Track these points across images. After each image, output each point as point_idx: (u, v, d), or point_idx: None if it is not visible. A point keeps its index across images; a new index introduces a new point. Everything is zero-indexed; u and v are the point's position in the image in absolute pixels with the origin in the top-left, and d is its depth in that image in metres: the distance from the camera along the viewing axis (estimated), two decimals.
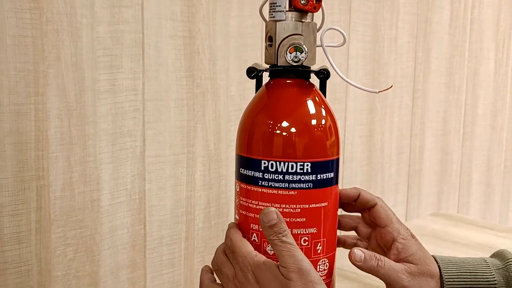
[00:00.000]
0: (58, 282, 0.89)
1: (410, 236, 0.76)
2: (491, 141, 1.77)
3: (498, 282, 0.73)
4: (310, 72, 0.71)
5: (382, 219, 0.76)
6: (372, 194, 0.78)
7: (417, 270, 0.73)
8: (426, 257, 0.75)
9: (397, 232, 0.75)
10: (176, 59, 0.99)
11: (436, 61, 1.53)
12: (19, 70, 0.82)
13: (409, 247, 0.75)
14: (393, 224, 0.76)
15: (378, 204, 0.76)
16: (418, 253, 0.74)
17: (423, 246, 0.76)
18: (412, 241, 0.75)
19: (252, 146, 0.69)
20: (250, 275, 0.65)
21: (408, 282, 0.72)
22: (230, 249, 0.69)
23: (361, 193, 0.77)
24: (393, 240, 0.75)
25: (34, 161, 0.85)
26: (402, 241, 0.75)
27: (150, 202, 0.99)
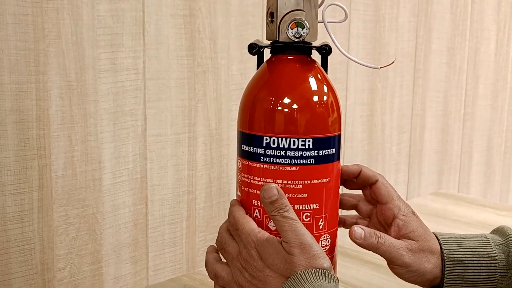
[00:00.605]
0: (60, 260, 0.89)
1: (410, 213, 0.76)
2: (492, 121, 1.77)
3: (499, 257, 0.73)
4: (312, 48, 0.71)
5: (383, 195, 0.76)
6: (373, 170, 0.78)
7: (417, 246, 0.73)
8: (426, 234, 0.75)
9: (398, 208, 0.75)
10: (177, 38, 0.98)
11: (437, 40, 1.53)
12: (19, 48, 0.81)
13: (410, 223, 0.75)
14: (394, 201, 0.76)
15: (379, 181, 0.77)
16: (418, 230, 0.75)
17: (424, 223, 0.76)
18: (412, 218, 0.76)
19: (254, 123, 0.69)
20: (254, 251, 0.66)
21: (408, 258, 0.73)
22: (234, 226, 0.69)
23: (363, 169, 0.77)
24: (393, 217, 0.75)
25: (36, 140, 0.85)
26: (403, 217, 0.75)
27: (151, 181, 0.99)
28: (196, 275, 0.89)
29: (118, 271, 0.97)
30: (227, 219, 0.72)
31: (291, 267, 0.63)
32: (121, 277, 0.98)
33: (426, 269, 0.73)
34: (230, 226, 0.70)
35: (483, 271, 0.73)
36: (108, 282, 0.96)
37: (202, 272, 0.90)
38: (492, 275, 0.73)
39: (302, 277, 0.62)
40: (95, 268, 0.94)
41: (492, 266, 0.73)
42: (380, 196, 0.76)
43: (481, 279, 0.73)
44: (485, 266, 0.73)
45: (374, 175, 0.77)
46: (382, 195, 0.76)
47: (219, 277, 0.70)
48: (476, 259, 0.74)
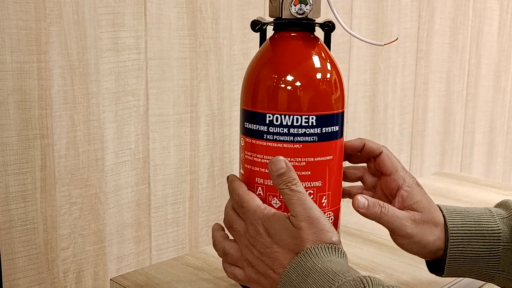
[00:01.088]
0: (64, 240, 0.90)
1: (415, 184, 0.76)
2: (494, 102, 1.77)
3: (503, 231, 0.73)
4: (315, 24, 0.70)
5: (387, 167, 0.76)
6: (377, 143, 0.77)
7: (421, 218, 0.73)
8: (430, 206, 0.75)
9: (402, 180, 0.75)
10: (179, 18, 0.98)
11: (440, 20, 1.52)
12: (21, 27, 0.81)
13: (414, 195, 0.74)
14: (398, 172, 0.76)
15: (383, 153, 0.76)
16: (423, 202, 0.74)
17: (428, 195, 0.76)
18: (417, 189, 0.75)
19: (257, 100, 0.69)
20: (261, 228, 0.65)
21: (411, 229, 0.72)
22: (239, 204, 0.69)
23: (366, 143, 0.77)
24: (398, 188, 0.75)
25: (38, 119, 0.85)
26: (407, 188, 0.75)
27: (154, 161, 0.99)
28: (199, 254, 0.89)
29: (121, 250, 0.97)
30: (231, 197, 0.72)
31: (299, 242, 0.63)
32: (124, 257, 0.98)
33: (429, 241, 0.73)
34: (235, 204, 0.70)
35: (486, 244, 0.73)
36: (111, 262, 0.96)
37: (205, 251, 0.90)
38: (495, 249, 0.73)
39: (311, 252, 0.62)
40: (98, 248, 0.94)
41: (496, 240, 0.73)
42: (385, 168, 0.76)
43: (484, 252, 0.73)
44: (488, 239, 0.73)
45: (378, 147, 0.77)
46: (386, 166, 0.76)
47: (228, 255, 0.70)
48: (479, 232, 0.73)
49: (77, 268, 0.92)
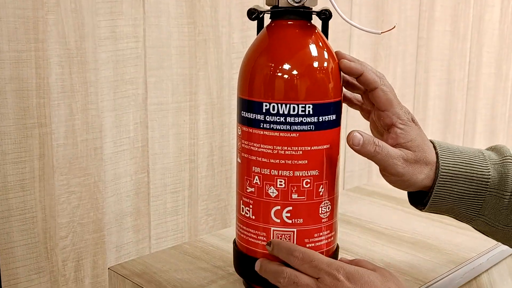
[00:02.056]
0: (62, 229, 0.90)
1: (410, 120, 0.74)
2: (496, 90, 1.76)
3: (492, 176, 0.73)
4: (312, 13, 0.70)
5: (382, 103, 0.73)
6: (375, 74, 0.73)
7: (413, 157, 0.72)
8: (424, 144, 0.73)
9: (397, 116, 0.73)
10: (177, 6, 0.97)
11: (441, 8, 1.51)
12: (18, 16, 0.81)
13: (408, 132, 0.73)
14: (393, 109, 0.73)
15: (378, 88, 0.73)
16: (417, 140, 0.73)
17: (423, 131, 0.75)
18: (411, 127, 0.73)
19: (253, 89, 0.68)
20: (341, 276, 0.66)
21: (402, 168, 0.72)
22: (307, 259, 0.68)
23: (365, 72, 0.72)
24: (392, 125, 0.73)
25: (36, 108, 0.85)
26: (401, 126, 0.73)
27: (153, 150, 0.99)
28: (197, 243, 0.89)
29: (121, 239, 0.97)
30: (285, 257, 0.69)
31: None
32: (123, 246, 0.98)
33: (418, 179, 0.72)
34: (297, 261, 0.68)
35: (473, 187, 0.73)
36: (110, 251, 0.96)
37: (203, 240, 0.90)
38: (481, 193, 0.73)
39: None
40: (97, 237, 0.94)
41: (483, 184, 0.73)
42: (379, 103, 0.73)
43: (469, 194, 0.73)
44: (476, 182, 0.73)
45: (375, 80, 0.73)
46: (381, 102, 0.73)
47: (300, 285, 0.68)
48: (469, 175, 0.73)
49: (76, 257, 0.92)
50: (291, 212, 0.69)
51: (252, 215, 0.71)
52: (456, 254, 0.87)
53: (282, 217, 0.69)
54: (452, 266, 0.83)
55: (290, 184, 0.68)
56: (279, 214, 0.69)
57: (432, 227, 0.97)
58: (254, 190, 0.70)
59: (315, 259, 0.67)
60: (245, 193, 0.71)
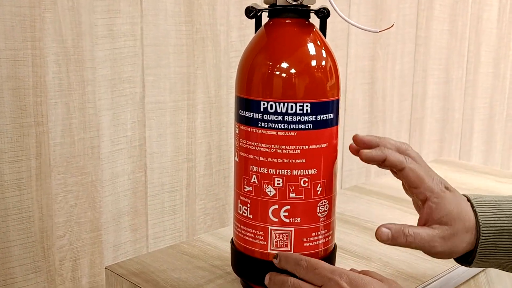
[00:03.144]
0: (59, 228, 0.89)
1: (444, 191, 0.72)
2: (494, 89, 1.76)
3: None
4: (310, 11, 0.70)
5: (412, 181, 0.72)
6: (399, 155, 0.72)
7: (451, 231, 0.71)
8: (461, 212, 0.71)
9: (430, 191, 0.71)
10: (175, 4, 0.97)
11: (439, 7, 1.51)
12: (15, 14, 0.80)
13: (443, 206, 0.71)
14: (425, 184, 0.71)
15: (406, 168, 0.72)
16: (453, 212, 0.71)
17: (458, 195, 0.73)
18: (446, 198, 0.71)
19: (251, 87, 0.68)
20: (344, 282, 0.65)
21: (441, 247, 0.70)
22: (310, 267, 0.67)
23: (387, 157, 0.71)
24: (426, 200, 0.72)
25: (33, 107, 0.84)
26: (435, 200, 0.71)
27: (150, 149, 0.99)
28: (195, 242, 0.89)
29: (118, 238, 0.97)
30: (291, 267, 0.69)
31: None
32: (120, 245, 0.98)
33: (459, 250, 0.71)
34: (301, 270, 0.68)
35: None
36: (107, 250, 0.96)
37: (200, 239, 0.90)
38: None
39: None
40: (94, 236, 0.94)
41: None
42: (410, 182, 0.72)
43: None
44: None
45: (401, 161, 0.72)
46: (411, 181, 0.72)
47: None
48: (510, 228, 0.71)
49: (73, 256, 0.92)
50: (288, 211, 0.69)
51: (249, 214, 0.71)
52: None
53: (280, 216, 0.69)
54: (450, 265, 0.83)
55: (287, 183, 0.68)
56: (277, 213, 0.69)
57: None
58: (251, 189, 0.70)
59: (319, 267, 0.67)
60: (243, 192, 0.71)
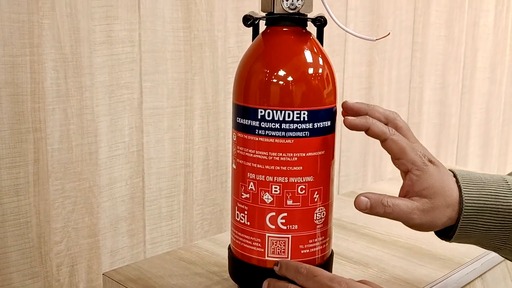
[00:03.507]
0: (57, 234, 0.90)
1: (426, 164, 0.71)
2: (490, 94, 1.77)
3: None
4: (307, 19, 0.70)
5: (394, 153, 0.72)
6: (382, 126, 0.71)
7: (430, 205, 0.70)
8: (444, 187, 0.71)
9: (412, 163, 0.71)
10: (173, 10, 0.98)
11: (436, 13, 1.52)
12: (13, 20, 0.81)
13: (424, 179, 0.71)
14: (407, 156, 0.71)
15: (388, 139, 0.71)
16: (434, 186, 0.71)
17: (443, 169, 0.72)
18: (428, 171, 0.71)
19: (249, 95, 0.69)
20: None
21: (420, 219, 0.70)
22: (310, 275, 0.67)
23: (370, 127, 0.71)
24: (407, 171, 0.72)
25: (31, 113, 0.84)
26: (417, 172, 0.71)
27: (148, 154, 0.99)
28: (192, 248, 0.89)
29: (115, 244, 0.97)
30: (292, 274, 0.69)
31: None
32: (118, 251, 0.98)
33: (439, 224, 0.71)
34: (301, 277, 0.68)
35: (499, 218, 0.71)
36: (105, 256, 0.96)
37: (198, 245, 0.90)
38: (507, 223, 0.71)
39: None
40: (92, 242, 0.94)
41: (509, 214, 0.71)
42: (392, 154, 0.72)
43: (496, 226, 0.71)
44: (502, 214, 0.71)
45: (383, 132, 0.71)
46: (393, 153, 0.72)
47: None
48: (494, 207, 0.71)
49: (71, 262, 0.92)
50: (286, 218, 0.69)
51: (247, 221, 0.71)
52: (451, 259, 0.88)
53: (277, 223, 0.69)
54: (447, 271, 0.84)
55: (285, 190, 0.68)
56: (274, 220, 0.69)
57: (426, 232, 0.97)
58: (249, 196, 0.70)
59: (318, 274, 0.67)
60: (240, 199, 0.71)
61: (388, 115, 0.74)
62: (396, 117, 0.74)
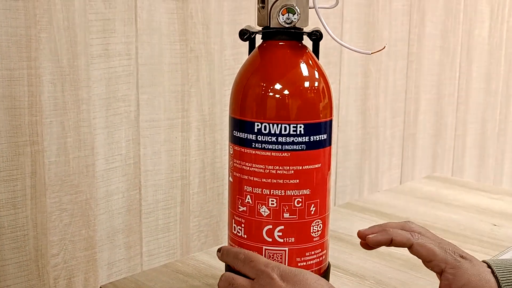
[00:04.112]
0: (54, 246, 0.90)
1: (459, 260, 0.71)
2: (486, 105, 1.77)
3: None
4: (303, 33, 0.70)
5: (424, 256, 0.72)
6: (405, 233, 0.72)
7: None
8: (481, 280, 0.70)
9: (444, 262, 0.71)
10: (170, 23, 0.98)
11: (431, 24, 1.53)
12: (10, 34, 0.81)
13: (460, 276, 0.70)
14: (437, 257, 0.71)
15: (414, 244, 0.72)
16: (471, 281, 0.70)
17: (477, 263, 0.72)
18: (462, 267, 0.70)
19: (245, 108, 0.69)
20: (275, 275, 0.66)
21: None
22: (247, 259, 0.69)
23: (393, 238, 0.72)
24: (442, 272, 0.71)
25: (28, 126, 0.85)
26: (451, 271, 0.70)
27: (145, 167, 0.99)
28: (189, 260, 0.89)
29: (112, 256, 0.97)
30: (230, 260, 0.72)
31: None
32: (115, 263, 0.98)
33: None
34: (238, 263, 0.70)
35: None
36: (102, 268, 0.96)
37: (195, 257, 0.90)
38: None
39: None
40: (89, 254, 0.94)
41: None
42: (422, 257, 0.72)
43: None
44: None
45: (408, 239, 0.72)
46: (423, 256, 0.72)
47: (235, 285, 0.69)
48: None
49: (68, 274, 0.92)
50: (282, 231, 0.70)
51: (244, 234, 0.71)
52: None
53: (274, 236, 0.70)
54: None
55: (281, 203, 0.69)
56: (271, 233, 0.70)
57: None
58: (246, 209, 0.70)
59: (254, 259, 0.68)
60: (237, 212, 0.71)
61: (403, 225, 0.74)
62: (411, 224, 0.74)
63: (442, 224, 1.08)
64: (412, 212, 1.14)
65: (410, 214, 1.13)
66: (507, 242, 1.01)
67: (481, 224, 1.09)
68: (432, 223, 1.07)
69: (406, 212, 1.14)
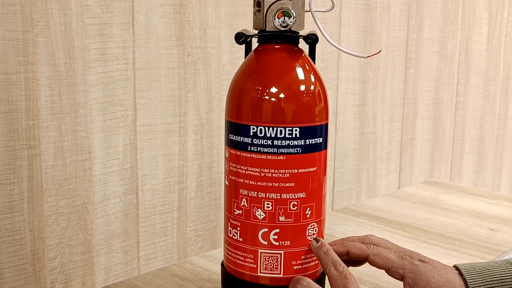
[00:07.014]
0: (51, 250, 0.90)
1: (416, 264, 0.72)
2: (484, 110, 1.77)
3: None
4: (299, 37, 0.71)
5: (381, 265, 0.73)
6: (360, 245, 0.74)
7: None
8: (442, 282, 0.71)
9: (402, 268, 0.72)
10: (167, 28, 0.98)
11: (429, 29, 1.53)
12: (7, 38, 0.81)
13: (419, 279, 0.71)
14: (395, 263, 0.72)
15: (369, 255, 0.73)
16: (431, 282, 0.71)
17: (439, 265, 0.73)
18: (421, 271, 0.71)
19: (241, 112, 0.69)
20: None
21: None
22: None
23: (349, 250, 0.74)
24: (402, 277, 0.72)
25: (25, 130, 0.85)
26: (410, 275, 0.71)
27: (142, 171, 1.00)
28: (186, 264, 0.89)
29: (109, 260, 0.97)
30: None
31: None
32: (112, 267, 0.98)
33: None
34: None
35: None
36: (99, 272, 0.96)
37: (191, 261, 0.90)
38: None
39: None
40: (86, 258, 0.94)
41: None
42: (379, 266, 0.73)
43: None
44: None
45: (363, 250, 0.73)
46: (380, 265, 0.73)
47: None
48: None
49: (65, 278, 0.92)
50: (278, 234, 0.70)
51: (239, 237, 0.71)
52: None
53: (270, 239, 0.70)
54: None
55: (277, 207, 0.69)
56: (267, 236, 0.70)
57: (419, 248, 0.97)
58: (241, 213, 0.70)
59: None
60: (233, 215, 0.72)
61: (363, 238, 0.76)
62: (371, 237, 0.76)
63: (439, 229, 1.08)
64: (409, 217, 1.14)
65: (407, 219, 1.13)
66: (503, 247, 1.01)
67: (478, 229, 1.09)
68: (429, 227, 1.08)
69: (403, 217, 1.14)
